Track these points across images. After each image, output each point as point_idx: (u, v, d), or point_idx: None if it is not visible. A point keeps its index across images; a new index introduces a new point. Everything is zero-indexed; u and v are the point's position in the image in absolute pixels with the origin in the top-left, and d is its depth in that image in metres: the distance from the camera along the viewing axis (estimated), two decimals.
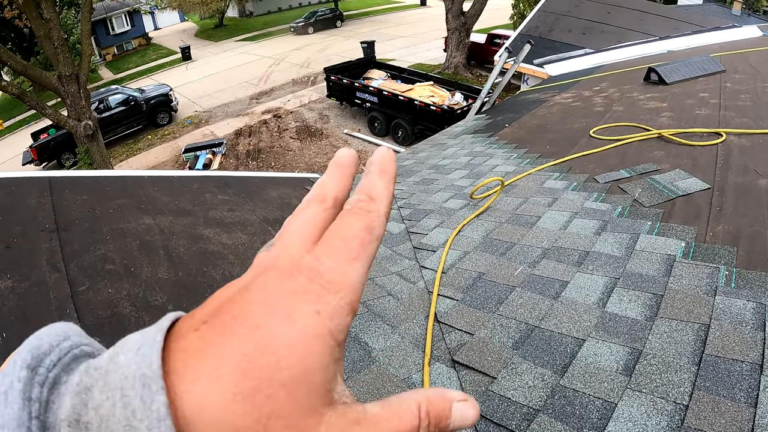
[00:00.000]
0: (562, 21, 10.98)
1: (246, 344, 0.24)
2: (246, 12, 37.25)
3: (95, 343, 0.28)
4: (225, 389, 0.23)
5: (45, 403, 0.23)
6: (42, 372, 0.24)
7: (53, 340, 0.26)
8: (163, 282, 1.57)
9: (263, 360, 0.24)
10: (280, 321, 0.25)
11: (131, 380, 0.22)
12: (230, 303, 0.27)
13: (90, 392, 0.23)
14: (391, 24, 29.70)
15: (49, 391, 0.24)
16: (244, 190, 2.58)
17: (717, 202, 2.13)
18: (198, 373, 0.23)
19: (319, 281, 0.27)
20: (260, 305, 0.26)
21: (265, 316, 0.25)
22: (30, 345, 0.25)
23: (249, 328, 0.25)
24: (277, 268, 0.28)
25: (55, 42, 9.83)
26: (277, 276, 0.27)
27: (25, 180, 2.10)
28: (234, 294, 0.27)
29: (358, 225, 0.29)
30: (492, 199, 2.60)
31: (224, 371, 0.23)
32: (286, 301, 0.26)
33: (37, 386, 0.23)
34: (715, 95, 4.05)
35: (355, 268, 0.28)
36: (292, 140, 13.92)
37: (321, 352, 0.25)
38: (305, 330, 0.25)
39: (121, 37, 29.44)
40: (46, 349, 0.25)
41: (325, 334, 0.25)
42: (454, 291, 1.84)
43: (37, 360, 0.25)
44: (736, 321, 1.37)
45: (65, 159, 13.68)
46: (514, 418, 1.21)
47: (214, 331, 0.25)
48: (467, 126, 5.48)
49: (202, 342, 0.25)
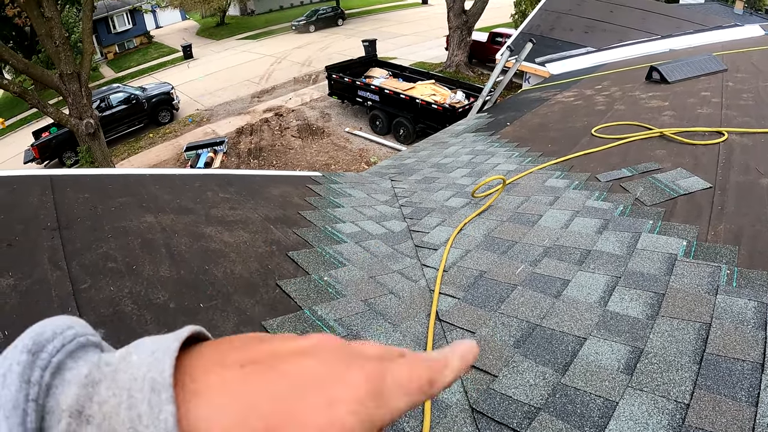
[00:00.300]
0: (563, 19, 10.96)
1: (282, 405, 0.24)
2: (247, 10, 37.24)
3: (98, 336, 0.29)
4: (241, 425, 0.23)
5: (46, 387, 0.23)
6: (44, 357, 0.24)
7: (57, 328, 0.26)
8: (164, 280, 1.58)
9: (290, 428, 0.23)
10: (321, 401, 0.25)
11: (140, 382, 0.22)
12: (284, 358, 0.27)
13: (97, 386, 0.23)
14: (392, 22, 29.67)
15: (52, 375, 0.24)
16: (245, 189, 2.58)
17: (719, 201, 2.13)
18: (227, 407, 0.23)
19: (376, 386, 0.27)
20: (311, 375, 0.26)
21: (310, 388, 0.25)
22: (33, 331, 0.26)
23: (292, 390, 0.25)
24: (349, 355, 0.29)
25: (56, 40, 9.84)
26: (343, 360, 0.28)
27: (27, 178, 2.11)
28: (292, 351, 0.28)
29: (426, 376, 0.30)
30: (493, 197, 2.59)
31: (251, 419, 0.23)
32: (336, 383, 0.26)
33: (38, 370, 0.24)
34: (717, 94, 4.04)
35: (402, 400, 0.29)
36: (294, 139, 13.92)
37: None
38: (338, 421, 0.25)
39: (122, 35, 29.47)
40: (49, 335, 0.26)
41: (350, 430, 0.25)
42: (456, 289, 1.84)
43: (39, 345, 0.25)
44: (738, 320, 1.36)
45: (67, 157, 13.70)
46: (516, 417, 1.21)
47: (259, 377, 0.25)
48: (469, 124, 5.48)
49: (244, 381, 0.25)
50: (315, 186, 2.91)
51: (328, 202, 2.66)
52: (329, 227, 2.30)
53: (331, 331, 1.51)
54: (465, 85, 12.95)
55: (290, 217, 2.32)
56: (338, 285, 1.79)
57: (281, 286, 1.71)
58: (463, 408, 1.28)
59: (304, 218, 2.36)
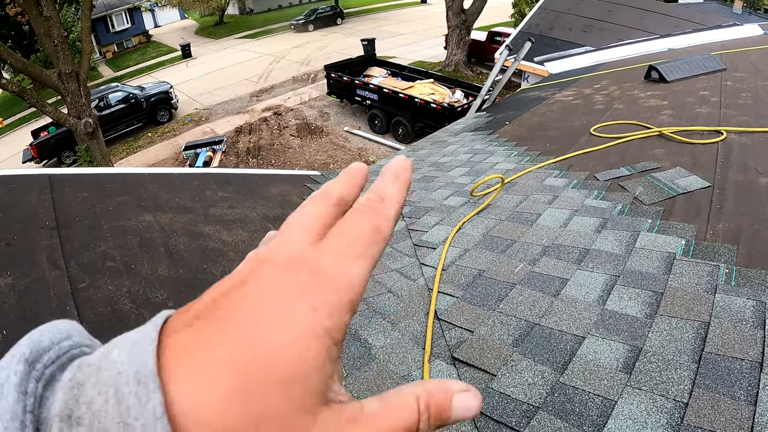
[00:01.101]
0: (562, 19, 10.96)
1: (239, 343, 0.23)
2: (246, 9, 37.20)
3: (97, 344, 0.28)
4: (217, 390, 0.22)
5: (39, 398, 0.23)
6: (39, 368, 0.24)
7: (54, 337, 0.26)
8: (163, 279, 1.57)
9: (256, 360, 0.23)
10: (275, 320, 0.24)
11: (125, 376, 0.22)
12: (224, 298, 0.26)
13: (82, 387, 0.23)
14: (391, 21, 29.65)
15: (44, 387, 0.24)
16: (244, 188, 2.58)
17: (717, 200, 2.13)
18: (190, 372, 0.23)
19: (319, 277, 0.26)
20: (255, 301, 0.25)
21: (260, 314, 0.25)
22: (31, 339, 0.25)
23: (243, 326, 0.24)
24: (275, 261, 0.27)
25: (55, 40, 9.82)
26: (275, 270, 0.27)
27: (26, 177, 2.10)
28: (229, 288, 0.26)
29: (366, 223, 0.29)
30: (492, 196, 2.59)
31: (217, 371, 0.23)
32: (282, 297, 0.25)
33: (33, 381, 0.23)
34: (716, 93, 4.05)
35: (358, 266, 0.27)
36: (293, 138, 13.91)
37: (316, 352, 0.24)
38: (301, 330, 0.24)
39: (121, 34, 29.41)
40: (47, 345, 0.25)
41: (321, 334, 0.25)
42: (454, 288, 1.84)
43: (36, 355, 0.24)
44: (736, 319, 1.37)
45: (65, 157, 13.68)
46: (514, 415, 1.21)
47: (207, 328, 0.24)
48: (468, 123, 5.48)
49: (194, 339, 0.24)
50: (314, 185, 2.91)
51: None
52: None
53: None
54: (464, 84, 12.94)
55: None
56: None
57: None
58: None
59: None
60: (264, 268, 0.27)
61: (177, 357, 0.23)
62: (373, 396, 0.27)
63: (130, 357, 0.23)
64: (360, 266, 0.27)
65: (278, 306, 0.25)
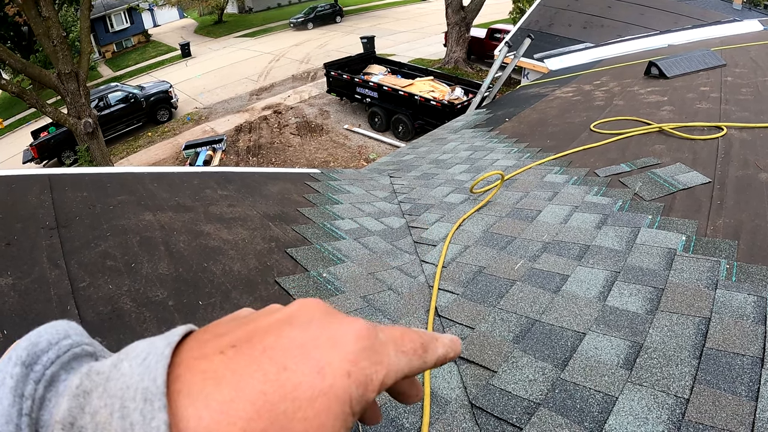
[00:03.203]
0: (562, 15, 10.94)
1: (269, 383, 0.23)
2: (245, 8, 37.15)
3: (96, 344, 0.28)
4: (235, 424, 0.22)
5: (40, 400, 0.23)
6: (38, 369, 0.24)
7: (52, 338, 0.26)
8: (163, 278, 1.57)
9: (282, 405, 0.23)
10: (310, 369, 0.24)
11: (132, 392, 0.22)
12: (265, 333, 0.26)
13: (89, 396, 0.22)
14: (390, 19, 29.61)
15: (45, 388, 0.23)
16: (244, 186, 2.58)
17: (718, 196, 2.13)
18: (211, 400, 0.22)
19: (367, 343, 0.27)
20: (296, 344, 0.25)
21: (297, 359, 0.25)
22: (28, 341, 0.25)
23: (277, 366, 0.24)
24: (333, 314, 0.28)
25: (54, 40, 9.81)
26: (328, 319, 0.27)
27: (26, 177, 2.10)
28: (273, 324, 0.27)
29: (419, 340, 0.31)
30: (492, 193, 2.59)
31: (239, 405, 0.22)
32: (324, 347, 0.25)
33: (31, 383, 0.23)
34: (716, 89, 4.04)
35: (400, 360, 0.28)
36: (293, 136, 13.91)
37: (336, 415, 0.24)
38: (331, 388, 0.24)
39: (120, 34, 29.40)
40: (44, 346, 0.25)
41: (346, 400, 0.25)
42: (455, 285, 1.84)
43: (34, 357, 0.24)
44: (737, 314, 1.36)
45: (65, 157, 13.69)
46: (515, 412, 1.21)
47: (240, 360, 0.24)
48: (467, 120, 5.47)
49: (225, 368, 0.24)
50: (314, 183, 2.91)
51: (326, 199, 2.66)
52: (328, 224, 2.30)
53: None
54: (463, 82, 12.92)
55: (289, 214, 2.32)
56: (337, 281, 1.79)
57: (280, 283, 1.71)
58: (462, 403, 1.28)
59: (303, 215, 2.35)
60: (316, 314, 0.28)
61: (202, 381, 0.23)
62: None
63: (140, 372, 0.23)
64: (401, 360, 0.28)
65: (317, 355, 0.25)
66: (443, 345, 0.32)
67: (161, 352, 0.24)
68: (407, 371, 0.29)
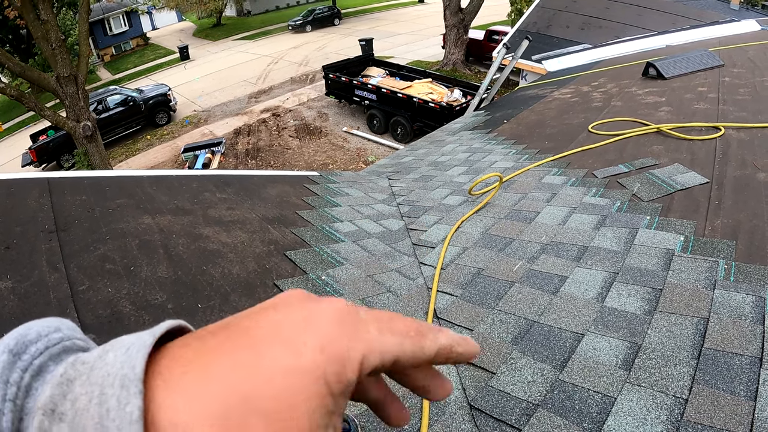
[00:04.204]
0: (560, 16, 10.97)
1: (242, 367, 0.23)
2: (244, 11, 37.19)
3: (90, 341, 0.28)
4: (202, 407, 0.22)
5: (26, 388, 0.23)
6: (26, 358, 0.24)
7: (42, 330, 0.26)
8: (162, 281, 1.58)
9: (252, 383, 0.23)
10: (284, 348, 0.24)
11: (112, 379, 0.22)
12: (243, 318, 0.26)
13: (72, 384, 0.23)
14: (389, 21, 29.65)
15: (33, 377, 0.24)
16: (243, 189, 2.58)
17: (716, 196, 2.13)
18: (184, 383, 0.23)
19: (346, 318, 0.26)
20: (272, 325, 0.25)
21: (271, 339, 0.24)
22: (17, 332, 0.25)
23: (251, 347, 0.24)
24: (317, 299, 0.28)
25: (52, 43, 9.82)
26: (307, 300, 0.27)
27: (25, 181, 2.10)
28: (253, 310, 0.27)
29: (413, 324, 0.30)
30: (491, 195, 2.60)
31: (210, 388, 0.22)
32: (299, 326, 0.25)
33: (18, 371, 0.23)
34: (714, 89, 4.05)
35: (386, 339, 0.27)
36: (291, 139, 13.91)
37: (310, 394, 0.24)
38: (304, 365, 0.24)
39: (119, 37, 29.41)
40: (33, 337, 0.25)
41: (320, 376, 0.24)
42: (454, 287, 1.84)
43: (22, 346, 0.25)
44: (735, 314, 1.37)
45: (64, 160, 13.67)
46: (514, 413, 1.21)
47: (215, 342, 0.24)
48: (466, 122, 5.48)
49: (196, 353, 0.24)
50: (312, 185, 2.91)
51: (325, 202, 2.66)
52: (327, 226, 2.30)
53: None
54: (462, 83, 12.93)
55: (288, 217, 2.32)
56: (336, 284, 1.79)
57: (279, 285, 1.71)
58: (461, 405, 1.28)
59: (302, 218, 2.36)
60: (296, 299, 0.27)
61: (172, 366, 0.23)
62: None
63: (122, 361, 0.23)
64: (389, 341, 0.27)
65: (291, 334, 0.25)
66: (448, 337, 0.31)
67: (144, 342, 0.24)
68: (398, 353, 0.28)
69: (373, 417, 1.20)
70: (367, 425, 1.17)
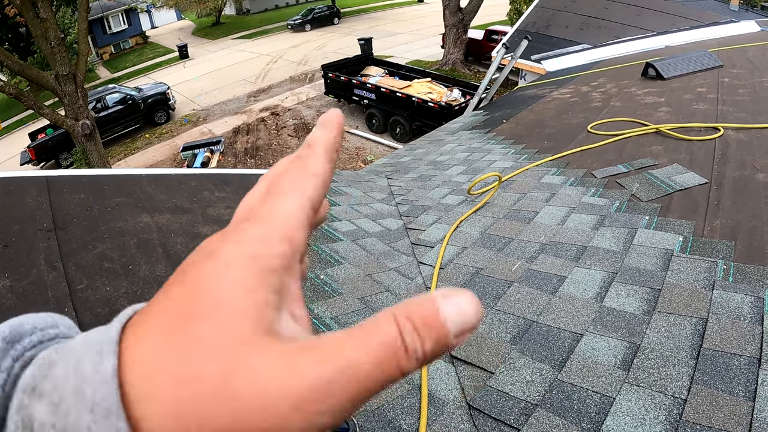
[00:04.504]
0: (559, 16, 10.97)
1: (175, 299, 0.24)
2: (243, 10, 37.15)
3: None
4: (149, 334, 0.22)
5: (15, 377, 0.23)
6: (19, 348, 0.24)
7: (38, 324, 0.26)
8: (161, 280, 1.57)
9: (184, 299, 0.23)
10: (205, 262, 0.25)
11: (88, 347, 0.22)
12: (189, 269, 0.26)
13: (54, 366, 0.23)
14: (388, 21, 29.63)
15: (22, 368, 0.24)
16: (242, 188, 2.58)
17: (715, 197, 2.13)
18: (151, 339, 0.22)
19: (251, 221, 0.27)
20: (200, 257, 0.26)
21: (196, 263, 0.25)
22: (12, 321, 0.25)
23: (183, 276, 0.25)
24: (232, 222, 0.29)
25: (51, 41, 9.79)
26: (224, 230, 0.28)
27: (23, 179, 2.10)
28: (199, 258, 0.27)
29: (293, 167, 0.30)
30: (490, 194, 2.59)
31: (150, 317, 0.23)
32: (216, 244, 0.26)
33: (9, 359, 0.23)
34: (713, 90, 4.05)
35: (282, 202, 0.28)
36: (290, 138, 13.90)
37: (240, 276, 0.24)
38: (224, 260, 0.24)
39: (118, 36, 29.34)
40: (28, 329, 0.25)
41: (246, 259, 0.24)
42: (452, 286, 1.84)
43: (16, 335, 0.25)
44: (734, 315, 1.37)
45: (63, 159, 13.64)
46: (513, 413, 1.21)
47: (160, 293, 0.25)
48: (465, 122, 5.48)
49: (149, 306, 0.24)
50: None
51: None
52: (325, 225, 2.30)
53: (328, 330, 1.51)
54: (461, 83, 12.92)
55: None
56: (335, 283, 1.79)
57: None
58: (460, 405, 1.28)
59: None
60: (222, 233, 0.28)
61: (146, 323, 0.23)
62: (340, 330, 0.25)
63: (101, 336, 0.23)
64: (284, 202, 0.28)
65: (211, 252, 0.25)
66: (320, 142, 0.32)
67: (122, 314, 0.24)
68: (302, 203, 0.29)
69: (373, 417, 1.20)
70: (367, 425, 1.17)
